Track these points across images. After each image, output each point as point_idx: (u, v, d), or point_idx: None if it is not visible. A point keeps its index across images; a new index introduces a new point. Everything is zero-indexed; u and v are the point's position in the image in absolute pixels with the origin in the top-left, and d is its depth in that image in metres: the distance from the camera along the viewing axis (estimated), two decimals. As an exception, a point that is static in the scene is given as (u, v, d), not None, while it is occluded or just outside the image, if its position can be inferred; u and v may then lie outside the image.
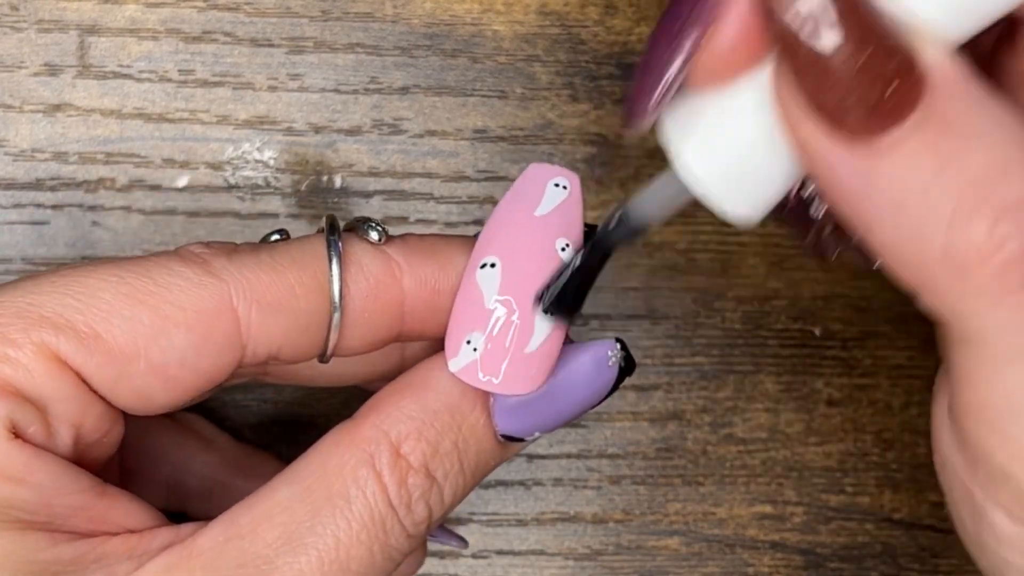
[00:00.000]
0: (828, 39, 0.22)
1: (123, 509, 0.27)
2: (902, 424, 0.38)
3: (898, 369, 0.38)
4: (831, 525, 0.38)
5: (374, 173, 0.36)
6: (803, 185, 0.27)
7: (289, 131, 0.36)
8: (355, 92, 0.36)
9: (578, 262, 0.28)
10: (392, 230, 0.36)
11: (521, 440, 0.29)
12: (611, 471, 0.37)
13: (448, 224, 0.36)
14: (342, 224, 0.28)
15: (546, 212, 0.29)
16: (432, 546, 0.36)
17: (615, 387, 0.30)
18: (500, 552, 0.37)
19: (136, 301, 0.25)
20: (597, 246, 0.28)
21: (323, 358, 0.28)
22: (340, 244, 0.27)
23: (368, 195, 0.36)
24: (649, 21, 0.37)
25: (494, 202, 0.37)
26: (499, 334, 0.28)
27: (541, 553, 0.37)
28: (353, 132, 0.36)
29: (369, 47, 0.36)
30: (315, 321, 0.27)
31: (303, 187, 0.36)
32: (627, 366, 0.30)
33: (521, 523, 0.37)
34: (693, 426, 0.37)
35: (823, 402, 0.38)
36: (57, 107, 0.35)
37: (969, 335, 0.23)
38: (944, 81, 0.22)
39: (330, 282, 0.27)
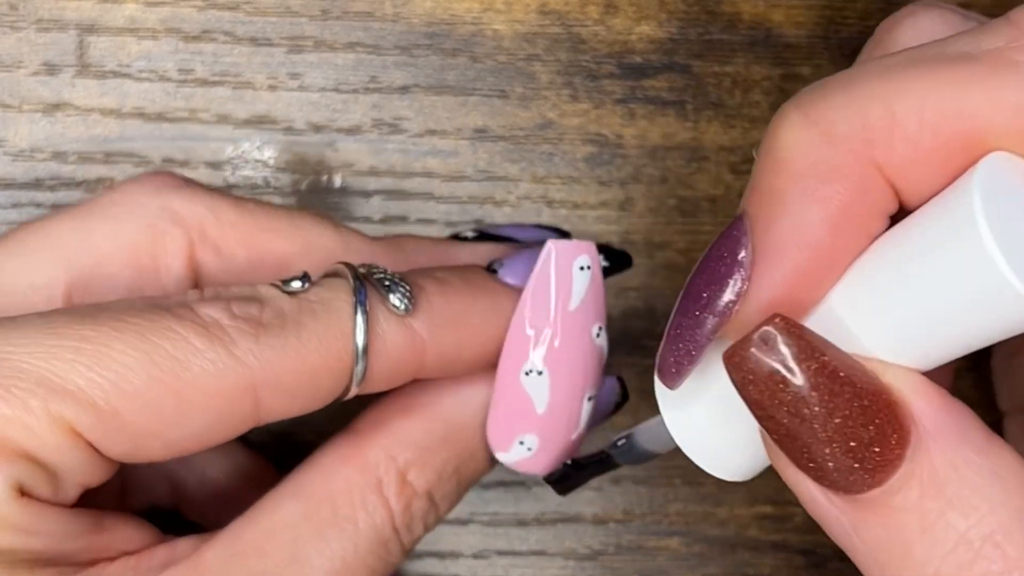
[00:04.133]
0: (798, 407, 0.22)
1: (121, 535, 0.27)
2: (903, 424, 0.38)
3: (899, 369, 0.38)
4: (832, 525, 0.38)
5: (374, 173, 0.36)
6: None
7: (289, 130, 0.36)
8: (355, 91, 0.36)
9: (585, 466, 0.30)
10: (392, 230, 0.36)
11: None
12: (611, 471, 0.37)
13: (448, 224, 0.36)
14: (358, 267, 0.28)
15: (579, 303, 0.29)
16: (432, 546, 0.36)
17: (608, 417, 0.32)
18: (501, 552, 0.37)
19: (161, 384, 0.25)
20: (604, 463, 0.29)
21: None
22: (367, 321, 0.27)
23: (368, 195, 0.36)
24: (649, 20, 0.37)
25: (495, 202, 0.36)
26: (552, 436, 0.30)
27: (542, 553, 0.37)
28: (353, 131, 0.36)
29: (369, 46, 0.36)
30: (334, 392, 0.27)
31: (303, 187, 0.36)
32: (622, 401, 0.32)
33: (522, 523, 0.37)
34: (694, 426, 0.37)
35: (824, 402, 0.38)
36: (56, 106, 0.35)
37: None
38: (931, 435, 0.22)
39: (354, 356, 0.27)
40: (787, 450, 0.23)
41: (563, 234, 0.33)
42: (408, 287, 0.27)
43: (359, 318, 0.26)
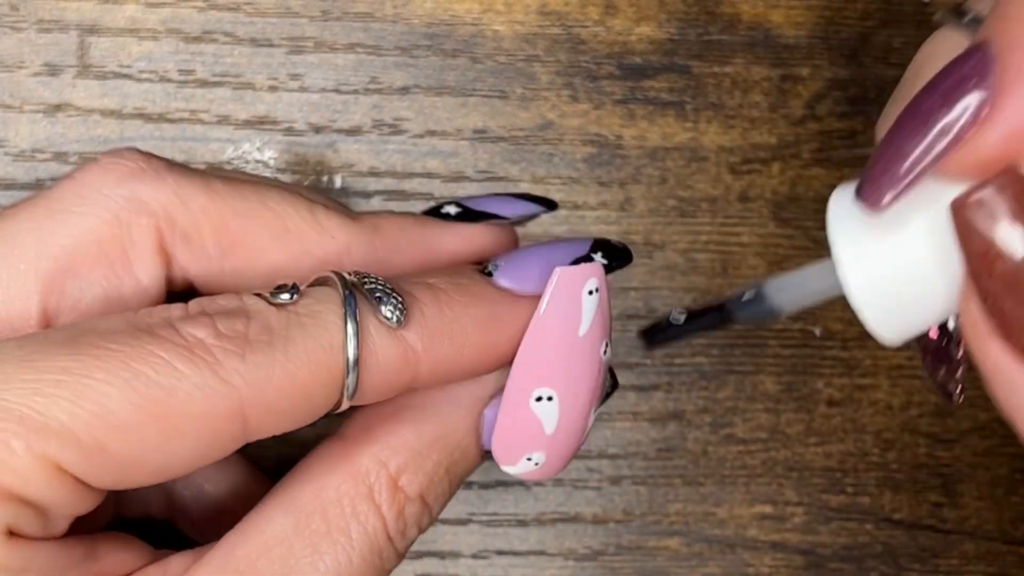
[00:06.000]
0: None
1: (114, 559, 0.27)
2: (902, 424, 0.38)
3: (898, 369, 0.38)
4: (831, 525, 0.38)
5: (374, 173, 0.36)
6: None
7: (289, 131, 0.36)
8: (355, 92, 0.36)
9: (694, 326, 0.28)
10: (392, 230, 0.36)
11: None
12: (611, 471, 0.37)
13: (448, 224, 0.36)
14: (348, 276, 0.27)
15: (588, 328, 0.29)
16: (432, 546, 0.36)
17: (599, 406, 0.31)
18: (500, 552, 0.37)
19: (145, 413, 0.24)
20: (721, 318, 0.27)
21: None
22: (359, 334, 0.26)
23: (368, 195, 0.36)
24: (649, 21, 0.37)
25: (494, 202, 0.37)
26: (560, 451, 0.30)
27: (541, 553, 0.37)
28: (353, 132, 0.36)
29: (369, 47, 0.36)
30: (325, 407, 0.26)
31: (298, 185, 0.36)
32: (612, 390, 0.31)
33: (521, 523, 0.37)
34: (693, 426, 0.37)
35: (823, 402, 0.38)
36: (57, 107, 0.35)
37: None
38: None
39: (344, 370, 0.26)
40: (998, 317, 0.21)
41: (548, 205, 0.32)
42: (400, 298, 0.26)
43: (349, 331, 0.26)
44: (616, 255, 0.30)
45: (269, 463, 0.34)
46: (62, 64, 0.35)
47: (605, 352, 0.29)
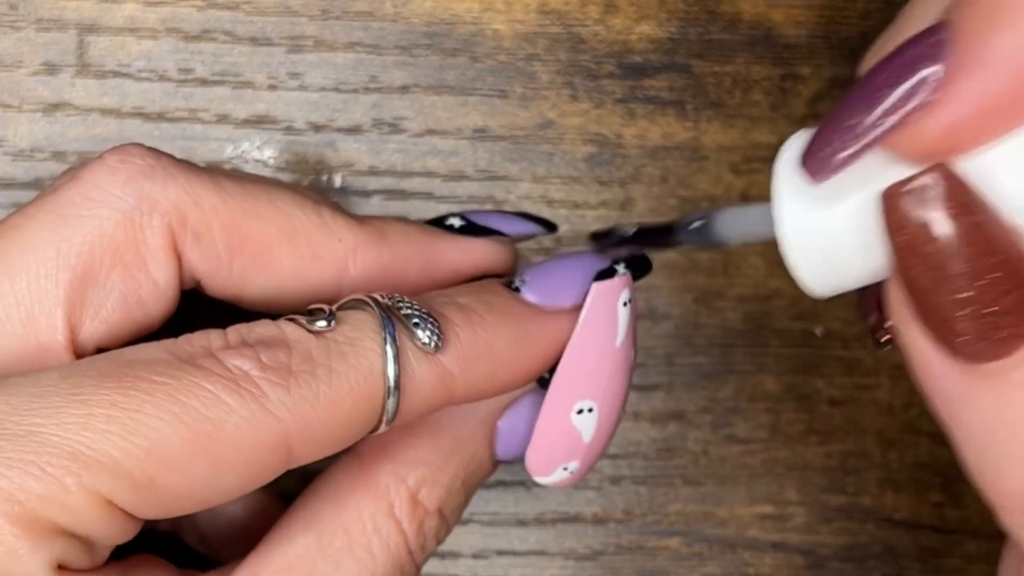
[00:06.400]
0: (947, 261, 0.21)
1: None
2: (903, 424, 0.38)
3: (900, 369, 0.38)
4: (832, 525, 0.38)
5: (374, 172, 0.36)
6: None
7: (289, 130, 0.36)
8: (355, 91, 0.36)
9: (642, 240, 0.29)
10: (392, 229, 0.36)
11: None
12: (611, 471, 0.37)
13: (448, 223, 0.36)
14: (382, 299, 0.27)
15: (623, 338, 0.30)
16: (432, 546, 0.37)
17: None
18: (500, 552, 0.37)
19: (195, 448, 0.24)
20: (668, 239, 0.28)
21: None
22: (398, 364, 0.26)
23: (368, 194, 0.36)
24: (649, 20, 0.37)
25: (495, 202, 0.36)
26: (594, 457, 0.30)
27: (541, 553, 0.37)
28: (353, 131, 0.36)
29: (369, 46, 0.36)
30: (364, 432, 0.27)
31: (303, 186, 0.36)
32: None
33: (521, 523, 0.37)
34: (694, 426, 0.37)
35: (824, 402, 0.38)
36: (56, 106, 0.35)
37: None
38: None
39: (384, 396, 0.26)
40: (920, 306, 0.22)
41: (549, 227, 0.33)
42: (436, 321, 0.27)
43: (389, 358, 0.26)
44: (638, 264, 0.31)
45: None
46: (61, 63, 0.35)
47: (635, 359, 0.30)
